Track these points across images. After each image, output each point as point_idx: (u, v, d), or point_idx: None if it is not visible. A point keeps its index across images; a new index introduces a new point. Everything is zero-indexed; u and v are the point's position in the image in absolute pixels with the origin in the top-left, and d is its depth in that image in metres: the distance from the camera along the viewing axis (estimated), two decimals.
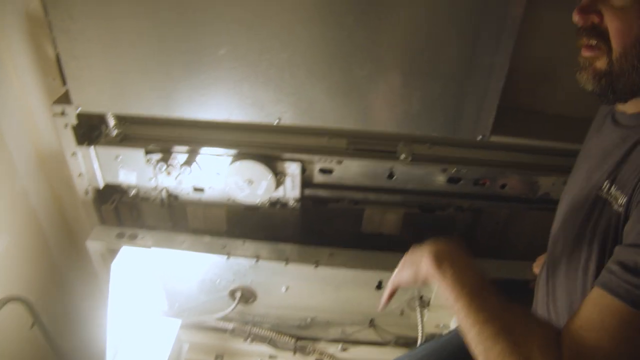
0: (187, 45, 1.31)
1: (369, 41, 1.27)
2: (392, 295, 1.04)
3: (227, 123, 1.46)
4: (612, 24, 0.79)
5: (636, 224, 0.73)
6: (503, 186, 1.58)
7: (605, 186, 0.86)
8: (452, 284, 0.82)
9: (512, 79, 1.39)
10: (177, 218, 1.76)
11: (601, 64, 0.82)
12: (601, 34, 0.80)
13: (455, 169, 1.52)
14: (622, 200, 0.80)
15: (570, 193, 1.02)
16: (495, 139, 1.45)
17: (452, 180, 1.55)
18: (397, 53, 1.30)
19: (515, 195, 1.61)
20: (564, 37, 1.37)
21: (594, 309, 0.70)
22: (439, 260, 0.86)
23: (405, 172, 1.52)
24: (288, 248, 1.59)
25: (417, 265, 0.91)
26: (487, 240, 1.75)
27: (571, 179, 1.07)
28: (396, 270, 1.00)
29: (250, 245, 1.58)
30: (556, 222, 1.07)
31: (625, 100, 0.86)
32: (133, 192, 1.69)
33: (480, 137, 1.42)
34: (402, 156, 1.47)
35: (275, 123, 1.40)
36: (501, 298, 0.79)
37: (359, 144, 1.51)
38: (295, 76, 1.33)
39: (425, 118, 1.38)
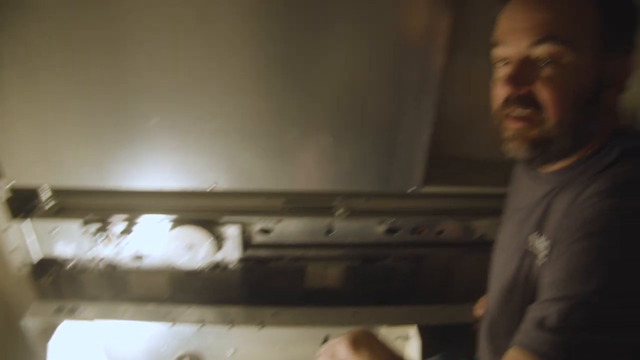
0: (118, 117, 1.33)
1: (297, 105, 1.32)
2: None
3: (164, 190, 1.46)
4: (544, 94, 0.80)
5: (546, 277, 0.77)
6: (440, 232, 1.63)
7: (531, 239, 0.90)
8: None
9: (439, 129, 1.46)
10: (118, 287, 1.72)
11: (534, 133, 0.83)
12: (535, 104, 0.81)
13: (392, 220, 1.57)
14: (542, 257, 0.84)
15: (501, 249, 1.06)
16: (427, 189, 1.50)
17: (390, 230, 1.59)
18: (324, 114, 1.35)
19: (453, 240, 1.66)
20: (484, 84, 1.47)
21: None
22: (356, 346, 0.87)
23: (343, 227, 1.56)
24: (232, 310, 1.58)
25: (336, 353, 0.91)
26: (429, 286, 1.79)
27: (501, 234, 1.10)
28: None
29: (194, 311, 1.56)
30: (491, 277, 1.10)
31: (554, 162, 0.89)
32: (71, 263, 1.65)
33: (413, 189, 1.47)
34: (339, 212, 1.51)
35: (209, 189, 1.41)
36: None
37: (296, 203, 1.54)
38: (226, 143, 1.35)
39: (357, 175, 1.42)
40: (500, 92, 0.85)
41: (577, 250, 0.71)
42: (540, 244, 0.87)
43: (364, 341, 0.87)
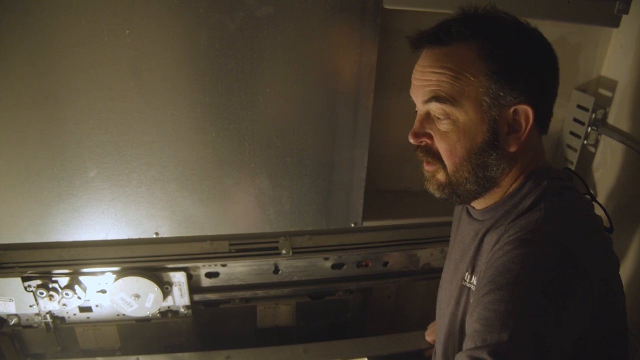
0: (55, 170, 1.33)
1: (234, 151, 1.35)
2: None
3: (107, 240, 1.45)
4: (440, 146, 0.90)
5: (467, 327, 0.81)
6: (385, 264, 1.67)
7: (467, 276, 0.96)
8: None
9: (375, 165, 1.51)
10: (65, 341, 1.68)
11: (441, 176, 0.93)
12: (434, 154, 0.91)
13: (336, 255, 1.60)
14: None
15: (444, 283, 1.11)
16: (368, 223, 1.54)
17: (335, 266, 1.62)
18: (261, 158, 1.38)
19: (399, 270, 1.70)
20: (411, 119, 1.53)
21: None
22: None
23: (289, 265, 1.58)
24: (185, 357, 1.56)
25: None
26: (381, 317, 1.82)
27: (444, 269, 1.16)
28: None
29: None
30: (437, 309, 1.16)
31: (469, 202, 0.97)
32: (13, 320, 1.60)
33: (353, 224, 1.51)
34: (284, 251, 1.53)
35: (152, 237, 1.41)
36: None
37: (240, 245, 1.55)
38: (166, 191, 1.37)
39: (298, 215, 1.46)
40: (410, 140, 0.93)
41: (490, 301, 0.76)
42: (473, 283, 0.93)
43: None
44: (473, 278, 0.94)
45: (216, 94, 1.28)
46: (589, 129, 1.61)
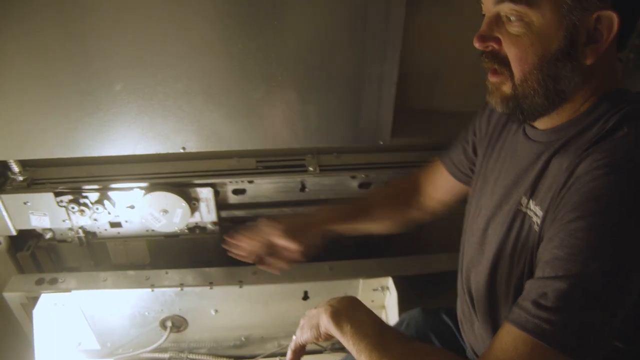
0: (81, 85, 1.31)
1: (261, 64, 1.31)
2: (297, 356, 1.01)
3: (135, 156, 1.46)
4: (509, 51, 0.80)
5: (543, 253, 0.75)
6: None
7: (524, 201, 0.88)
8: (352, 338, 0.82)
9: (405, 82, 1.46)
10: (98, 256, 1.74)
11: (507, 88, 0.84)
12: (502, 60, 0.82)
13: (363, 174, 1.58)
14: (538, 218, 0.82)
15: (485, 211, 1.00)
16: (396, 141, 1.52)
17: (363, 185, 1.61)
18: (289, 72, 1.34)
19: None
20: (448, 36, 1.46)
21: (508, 345, 0.70)
22: (337, 317, 0.85)
23: (316, 183, 1.57)
24: (212, 271, 1.60)
25: (316, 324, 0.90)
26: (405, 238, 1.82)
27: (482, 196, 1.04)
28: (297, 331, 0.98)
29: (173, 274, 1.58)
30: (467, 244, 1.06)
31: (533, 119, 0.87)
32: (49, 235, 1.66)
33: (381, 142, 1.48)
34: (310, 169, 1.52)
35: (180, 151, 1.41)
36: (404, 343, 0.80)
37: (267, 162, 1.55)
38: (193, 105, 1.35)
39: (325, 131, 1.43)
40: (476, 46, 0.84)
41: (576, 228, 0.70)
42: (535, 209, 0.85)
43: (345, 312, 0.86)
44: (531, 203, 0.86)
45: (242, 3, 1.23)
46: None
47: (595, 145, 0.77)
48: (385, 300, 1.64)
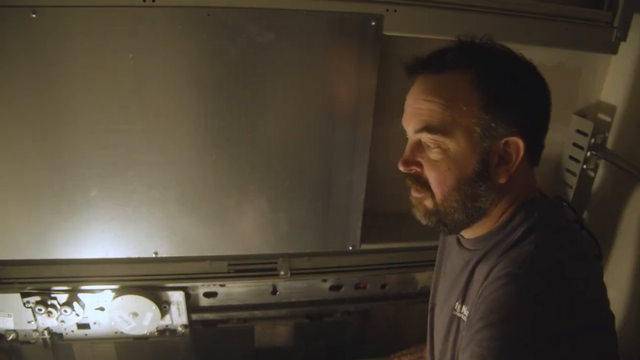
0: (56, 189, 1.34)
1: (233, 174, 1.36)
2: None
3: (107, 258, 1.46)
4: (429, 175, 0.90)
5: (463, 350, 0.81)
6: (384, 286, 1.67)
7: (457, 306, 0.96)
8: None
9: (373, 187, 1.51)
10: (63, 358, 1.69)
11: (428, 204, 0.93)
12: (424, 183, 0.91)
13: (335, 277, 1.60)
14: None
15: (434, 310, 1.11)
16: (366, 246, 1.55)
17: (334, 288, 1.62)
18: (260, 181, 1.39)
19: (397, 293, 1.70)
20: None
21: None
22: None
23: (287, 286, 1.58)
24: None
25: None
26: (379, 339, 1.81)
27: (432, 296, 1.15)
28: None
29: None
30: (427, 335, 1.15)
31: (456, 232, 0.97)
32: (11, 336, 1.61)
33: (351, 247, 1.51)
34: (282, 272, 1.53)
35: (152, 256, 1.42)
36: None
37: (239, 265, 1.56)
38: (166, 212, 1.38)
39: (296, 237, 1.46)
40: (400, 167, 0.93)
41: (482, 338, 0.76)
42: (464, 313, 0.92)
43: None
44: (463, 308, 0.94)
45: (217, 117, 1.30)
46: (588, 153, 1.62)
47: (504, 254, 0.86)
48: None
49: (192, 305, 1.57)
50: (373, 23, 1.26)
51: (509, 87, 0.85)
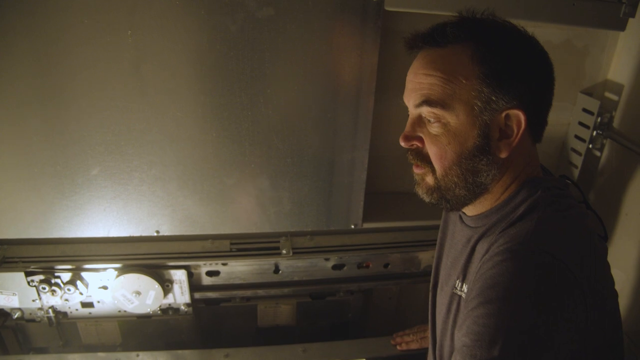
0: (58, 168, 1.34)
1: (234, 152, 1.35)
2: None
3: (109, 237, 1.47)
4: (430, 149, 0.89)
5: (456, 341, 0.81)
6: (386, 265, 1.67)
7: (458, 284, 0.95)
8: None
9: (376, 166, 1.50)
10: (68, 336, 1.70)
11: (430, 180, 0.92)
12: (424, 157, 0.91)
13: (337, 256, 1.60)
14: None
15: (435, 289, 1.10)
16: (368, 225, 1.54)
17: (336, 267, 1.62)
18: (262, 160, 1.38)
19: (400, 271, 1.70)
20: None
21: None
22: None
23: (289, 265, 1.58)
24: (185, 354, 1.57)
25: None
26: (382, 319, 1.82)
27: (433, 274, 1.14)
28: None
29: (145, 356, 1.55)
30: (429, 313, 1.14)
31: (458, 209, 0.96)
32: (17, 314, 1.63)
33: (353, 226, 1.51)
34: (284, 251, 1.53)
35: (153, 234, 1.42)
36: None
37: (241, 244, 1.56)
38: (167, 190, 1.37)
39: (298, 216, 1.46)
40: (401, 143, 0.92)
41: (479, 315, 0.76)
42: (464, 291, 0.92)
43: None
44: (464, 286, 0.93)
45: (217, 95, 1.29)
46: (595, 132, 1.60)
47: (505, 231, 0.85)
48: None
49: (194, 284, 1.58)
50: None
51: (509, 60, 0.84)
